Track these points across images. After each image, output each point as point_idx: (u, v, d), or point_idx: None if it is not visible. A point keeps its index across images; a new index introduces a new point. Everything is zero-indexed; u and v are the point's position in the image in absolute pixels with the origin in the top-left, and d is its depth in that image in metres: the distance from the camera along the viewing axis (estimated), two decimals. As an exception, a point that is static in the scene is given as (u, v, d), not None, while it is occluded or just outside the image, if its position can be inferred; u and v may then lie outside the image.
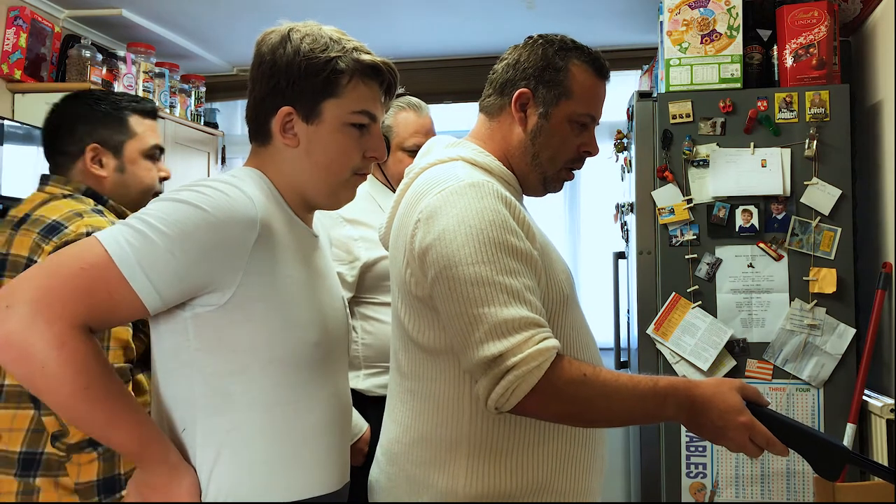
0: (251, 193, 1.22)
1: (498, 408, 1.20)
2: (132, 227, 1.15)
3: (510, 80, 1.44)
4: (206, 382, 1.21)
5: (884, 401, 2.49)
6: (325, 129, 1.29)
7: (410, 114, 2.24)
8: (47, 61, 3.27)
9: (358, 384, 2.15)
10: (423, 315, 1.34)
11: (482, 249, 1.24)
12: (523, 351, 1.18)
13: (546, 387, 1.19)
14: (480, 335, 1.20)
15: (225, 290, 1.18)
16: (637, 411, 1.25)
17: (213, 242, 1.16)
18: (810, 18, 2.73)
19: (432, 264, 1.27)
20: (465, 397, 1.33)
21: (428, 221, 1.30)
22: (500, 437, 1.32)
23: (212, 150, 4.11)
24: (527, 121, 1.43)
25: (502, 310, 1.20)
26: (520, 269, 1.26)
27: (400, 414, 1.42)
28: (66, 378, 1.10)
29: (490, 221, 1.26)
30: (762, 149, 2.70)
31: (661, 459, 2.75)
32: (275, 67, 1.28)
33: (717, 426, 1.23)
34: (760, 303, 2.69)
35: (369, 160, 1.34)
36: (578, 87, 1.42)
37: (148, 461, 1.19)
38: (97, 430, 1.18)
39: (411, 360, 1.39)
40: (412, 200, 1.38)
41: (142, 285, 1.12)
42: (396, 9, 3.47)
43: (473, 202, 1.28)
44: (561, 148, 1.44)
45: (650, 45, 3.58)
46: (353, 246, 2.14)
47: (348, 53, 1.28)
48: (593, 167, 4.11)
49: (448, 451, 1.33)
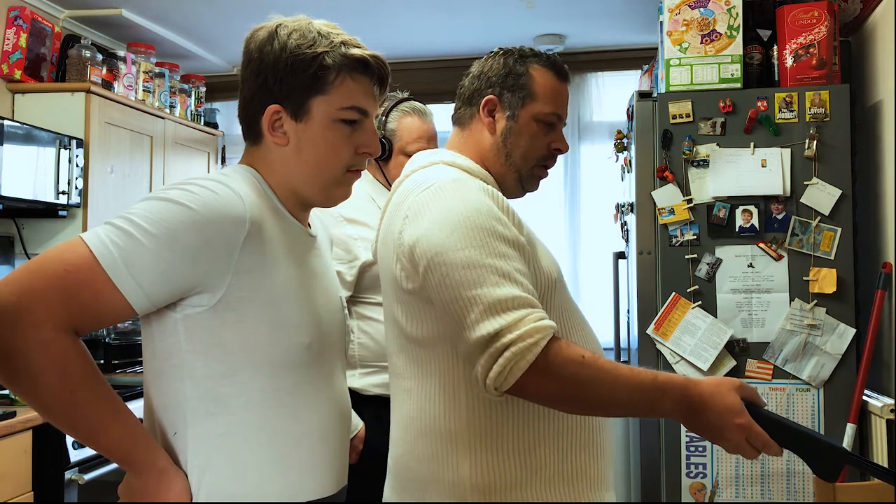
0: (241, 191, 1.20)
1: (497, 387, 1.19)
2: (117, 227, 1.13)
3: (476, 90, 1.52)
4: (197, 385, 1.19)
5: (884, 401, 2.49)
6: (315, 126, 1.27)
7: (415, 119, 2.25)
8: (47, 61, 3.27)
9: (354, 383, 2.15)
10: (415, 307, 1.35)
11: (470, 235, 1.26)
12: (520, 328, 1.18)
13: (544, 364, 1.18)
14: (476, 315, 1.21)
15: (214, 291, 1.16)
16: (634, 401, 1.24)
17: (200, 241, 1.14)
18: (810, 18, 2.73)
19: (422, 256, 1.28)
20: (461, 386, 1.33)
21: (415, 218, 1.33)
22: (498, 422, 1.32)
23: (212, 150, 4.12)
24: (496, 125, 1.49)
25: (495, 289, 1.21)
26: (509, 252, 1.28)
27: (399, 415, 1.43)
28: (50, 381, 1.08)
29: (475, 209, 1.30)
30: (762, 149, 2.70)
31: (661, 459, 2.75)
32: (262, 65, 1.26)
33: (714, 426, 1.23)
34: (760, 303, 2.69)
35: (362, 156, 1.32)
36: (540, 88, 1.49)
37: (137, 466, 1.16)
38: (84, 434, 1.16)
39: (407, 359, 1.40)
40: (397, 203, 1.43)
41: (127, 285, 1.11)
42: (396, 9, 3.47)
43: (457, 194, 1.33)
44: (531, 145, 1.49)
45: (650, 45, 3.58)
46: (353, 245, 2.15)
47: (336, 48, 1.25)
48: (593, 167, 4.12)
49: (449, 443, 1.33)
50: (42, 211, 3.03)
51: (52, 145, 2.94)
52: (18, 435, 2.41)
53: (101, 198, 3.19)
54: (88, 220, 3.12)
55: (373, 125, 1.33)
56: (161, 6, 3.42)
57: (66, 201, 3.00)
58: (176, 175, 3.64)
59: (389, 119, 2.25)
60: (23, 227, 3.13)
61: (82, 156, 3.09)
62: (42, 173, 2.90)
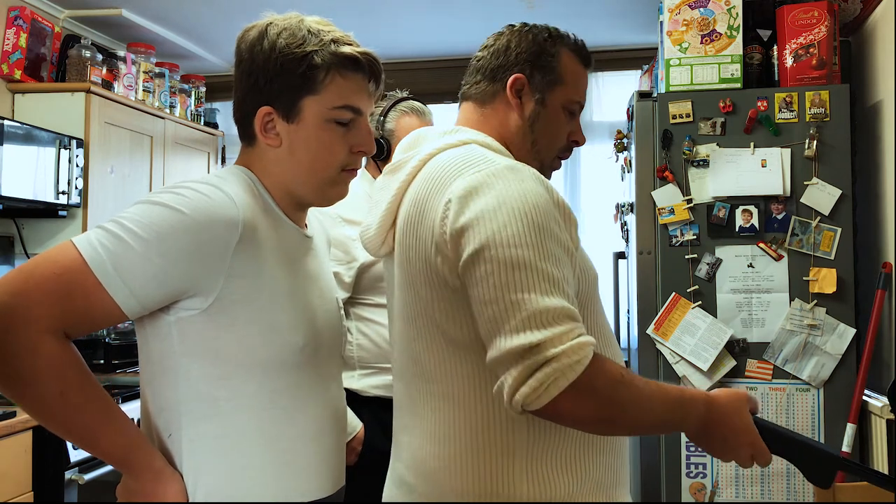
0: (233, 193, 1.18)
1: (525, 405, 1.07)
2: (108, 231, 1.12)
3: (502, 65, 1.39)
4: (191, 387, 1.18)
5: (884, 401, 2.48)
6: (307, 127, 1.24)
7: (413, 119, 2.24)
8: (47, 61, 3.27)
9: (353, 384, 2.15)
10: (461, 307, 1.20)
11: (525, 232, 1.14)
12: (563, 343, 1.07)
13: (585, 384, 1.07)
14: (516, 323, 1.08)
15: (207, 294, 1.15)
16: (663, 420, 1.19)
17: (191, 246, 1.13)
18: (810, 18, 2.73)
19: (468, 244, 1.15)
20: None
21: (462, 200, 1.18)
22: (553, 433, 1.23)
23: (212, 150, 4.12)
24: (523, 107, 1.38)
25: (543, 298, 1.09)
26: (561, 257, 1.17)
27: (432, 425, 1.26)
28: (41, 385, 1.08)
29: (534, 204, 1.16)
30: (762, 149, 2.70)
31: (661, 459, 2.75)
32: (253, 66, 1.24)
33: (728, 444, 1.21)
34: (760, 303, 2.69)
35: (357, 155, 1.29)
36: (569, 73, 1.40)
37: (132, 468, 1.16)
38: (78, 437, 1.16)
39: (444, 361, 1.25)
40: (434, 184, 1.25)
41: (117, 290, 1.10)
42: (396, 9, 3.47)
43: (514, 184, 1.18)
44: (557, 135, 1.40)
45: (650, 45, 3.58)
46: (352, 246, 2.14)
47: (326, 47, 1.23)
48: (593, 167, 4.12)
49: (504, 458, 1.21)
50: (42, 211, 3.04)
51: (52, 145, 2.94)
52: (18, 435, 2.41)
53: (101, 198, 3.19)
54: (88, 220, 3.12)
55: (367, 123, 1.30)
56: (161, 6, 3.42)
57: (66, 201, 3.00)
58: (176, 175, 3.64)
59: (388, 119, 2.24)
60: (23, 227, 3.14)
61: (82, 156, 3.09)
62: (42, 173, 2.90)
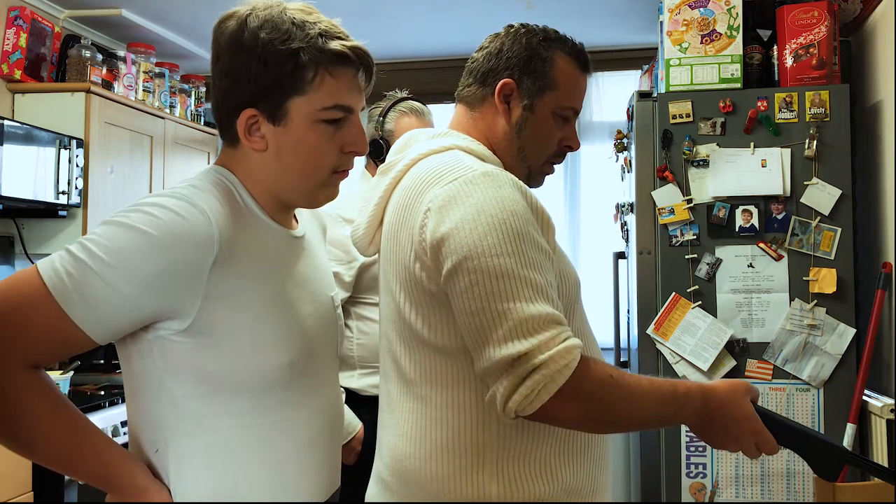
0: (207, 208, 1.10)
1: (518, 412, 1.10)
2: (74, 257, 1.06)
3: (492, 69, 1.38)
4: (175, 405, 1.13)
5: (884, 401, 2.49)
6: (295, 129, 1.16)
7: (412, 119, 2.24)
8: (47, 61, 3.27)
9: (352, 383, 2.15)
10: (437, 312, 1.23)
11: (505, 240, 1.15)
12: (550, 349, 1.09)
13: (573, 388, 1.10)
14: (503, 332, 1.10)
15: (185, 317, 1.09)
16: (657, 416, 1.20)
17: (161, 270, 1.06)
18: (810, 18, 2.73)
19: (449, 255, 1.16)
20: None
21: (441, 211, 1.19)
22: (526, 436, 1.24)
23: (212, 150, 4.11)
24: (510, 112, 1.36)
25: (528, 306, 1.11)
26: (543, 262, 1.18)
27: (408, 426, 1.28)
28: (9, 421, 1.06)
29: (511, 212, 1.17)
30: (762, 149, 2.70)
31: (661, 459, 2.75)
32: (233, 63, 1.16)
33: (729, 433, 1.21)
34: (760, 303, 2.69)
35: (349, 156, 1.21)
36: (563, 78, 1.37)
37: (114, 487, 1.13)
38: (56, 465, 1.13)
39: (420, 363, 1.27)
40: (413, 191, 1.27)
41: (85, 320, 1.05)
42: (396, 9, 3.47)
43: (491, 191, 1.19)
44: (546, 141, 1.38)
45: (650, 45, 3.58)
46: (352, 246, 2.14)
47: (312, 42, 1.14)
48: (593, 167, 4.12)
49: (474, 459, 1.22)
50: (42, 211, 3.03)
51: (52, 145, 2.94)
52: (18, 435, 2.41)
53: (101, 198, 3.19)
54: (88, 220, 3.12)
55: (359, 121, 1.23)
56: (161, 6, 3.42)
57: (66, 201, 3.00)
58: (176, 175, 3.64)
59: (387, 119, 2.24)
60: (23, 227, 3.13)
61: (82, 156, 3.09)
62: (42, 173, 2.90)
